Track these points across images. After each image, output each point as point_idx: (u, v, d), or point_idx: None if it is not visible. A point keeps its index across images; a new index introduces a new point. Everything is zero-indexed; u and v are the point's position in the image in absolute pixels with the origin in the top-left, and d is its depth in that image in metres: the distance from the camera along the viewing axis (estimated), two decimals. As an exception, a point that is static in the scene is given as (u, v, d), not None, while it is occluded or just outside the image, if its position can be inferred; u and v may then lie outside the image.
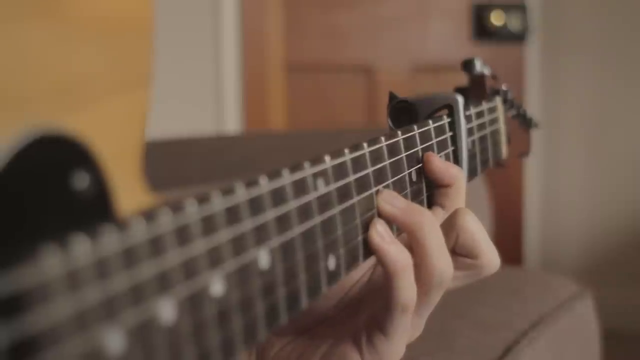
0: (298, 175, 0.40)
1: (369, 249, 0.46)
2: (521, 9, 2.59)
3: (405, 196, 0.51)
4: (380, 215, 0.48)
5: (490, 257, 0.51)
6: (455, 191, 0.54)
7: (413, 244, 0.48)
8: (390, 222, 0.48)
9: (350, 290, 0.53)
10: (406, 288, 0.46)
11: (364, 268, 0.54)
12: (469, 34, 2.62)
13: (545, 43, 2.72)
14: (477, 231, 0.51)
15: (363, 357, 0.49)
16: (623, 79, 2.67)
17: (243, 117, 2.58)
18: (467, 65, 0.67)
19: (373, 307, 0.50)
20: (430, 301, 0.49)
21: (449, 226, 0.51)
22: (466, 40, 2.62)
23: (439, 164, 0.53)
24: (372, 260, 0.53)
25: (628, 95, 2.67)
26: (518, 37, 2.61)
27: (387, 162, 0.49)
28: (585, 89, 2.71)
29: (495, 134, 0.70)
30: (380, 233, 0.46)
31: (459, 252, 0.51)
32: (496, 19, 2.59)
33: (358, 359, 0.49)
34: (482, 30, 2.60)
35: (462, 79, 0.69)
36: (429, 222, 0.48)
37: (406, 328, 0.48)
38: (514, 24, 2.59)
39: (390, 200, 0.48)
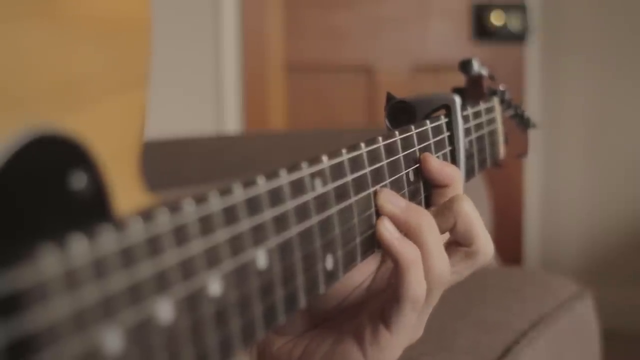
0: (295, 175, 0.40)
1: (380, 245, 0.47)
2: (521, 9, 2.59)
3: (403, 196, 0.51)
4: (380, 214, 0.48)
5: (484, 242, 0.52)
6: (452, 191, 0.54)
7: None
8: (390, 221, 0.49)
9: (352, 293, 0.54)
10: (417, 282, 0.47)
11: (366, 273, 0.54)
12: (469, 34, 2.62)
13: (545, 43, 2.72)
14: (474, 216, 0.51)
15: (365, 353, 0.49)
16: (623, 79, 2.67)
17: (243, 117, 2.58)
18: (465, 65, 0.67)
19: (374, 308, 0.50)
20: (429, 301, 0.50)
21: (447, 210, 0.51)
22: (466, 40, 2.62)
23: (435, 164, 0.54)
24: (373, 266, 0.54)
25: (628, 95, 2.67)
26: (518, 37, 2.61)
27: (384, 162, 0.49)
28: (585, 89, 2.70)
29: (492, 134, 0.70)
30: (389, 229, 0.47)
31: (455, 237, 0.52)
32: (496, 19, 2.59)
33: (360, 356, 0.49)
34: (482, 30, 2.60)
35: (462, 79, 0.69)
36: (428, 223, 0.49)
37: (411, 324, 0.49)
38: (514, 24, 2.59)
39: (391, 200, 0.48)
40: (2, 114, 0.29)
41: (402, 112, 0.59)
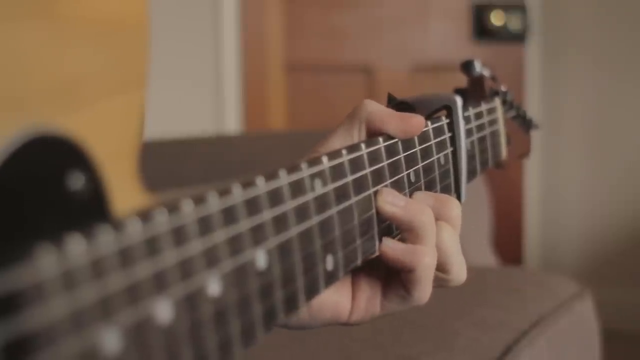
0: (295, 176, 0.40)
1: (385, 258, 0.48)
2: (521, 9, 2.59)
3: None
4: (379, 215, 0.48)
5: (459, 270, 0.52)
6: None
7: (412, 241, 0.48)
8: (390, 221, 0.48)
9: None
10: (429, 286, 0.49)
11: None
12: (469, 34, 2.62)
13: (545, 43, 2.72)
14: (453, 247, 0.51)
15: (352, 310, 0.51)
16: (623, 79, 2.67)
17: (243, 117, 2.58)
18: (466, 66, 0.67)
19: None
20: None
21: None
22: (466, 40, 2.62)
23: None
24: None
25: (628, 95, 2.67)
26: (518, 37, 2.61)
27: (385, 163, 0.49)
28: (585, 89, 2.70)
29: (494, 135, 0.70)
30: (390, 245, 0.48)
31: None
32: (496, 19, 2.59)
33: (348, 309, 0.51)
34: (482, 30, 2.60)
35: (463, 79, 0.69)
36: (429, 221, 0.49)
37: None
38: (514, 24, 2.59)
39: (390, 200, 0.48)
40: (0, 114, 0.29)
41: (403, 113, 0.58)
